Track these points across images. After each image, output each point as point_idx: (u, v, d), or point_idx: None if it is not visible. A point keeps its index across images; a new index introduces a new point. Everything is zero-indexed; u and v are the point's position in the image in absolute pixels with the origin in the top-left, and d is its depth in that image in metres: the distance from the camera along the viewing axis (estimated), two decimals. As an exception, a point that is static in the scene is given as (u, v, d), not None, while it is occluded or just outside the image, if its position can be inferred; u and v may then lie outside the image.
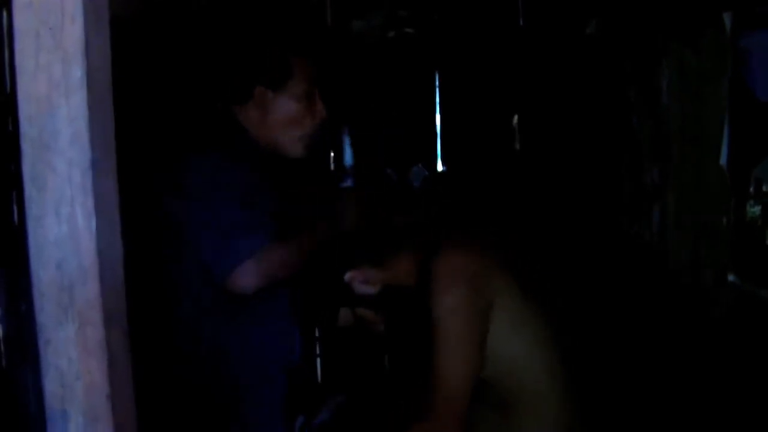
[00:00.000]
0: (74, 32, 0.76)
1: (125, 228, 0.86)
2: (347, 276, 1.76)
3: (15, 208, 2.62)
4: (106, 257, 0.80)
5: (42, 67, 0.77)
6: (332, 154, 2.07)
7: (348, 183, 2.00)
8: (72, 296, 0.79)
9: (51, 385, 0.81)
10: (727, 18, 1.87)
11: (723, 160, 1.90)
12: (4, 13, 0.80)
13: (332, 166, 2.04)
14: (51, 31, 0.76)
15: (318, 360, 3.15)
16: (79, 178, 0.78)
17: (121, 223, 0.85)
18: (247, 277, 1.67)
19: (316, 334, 3.12)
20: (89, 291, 0.79)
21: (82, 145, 0.77)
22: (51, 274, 0.79)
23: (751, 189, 1.80)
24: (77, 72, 0.76)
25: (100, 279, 0.79)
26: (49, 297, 0.79)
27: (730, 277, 1.90)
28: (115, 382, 0.82)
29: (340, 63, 2.92)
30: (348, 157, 2.01)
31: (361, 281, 1.79)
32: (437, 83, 3.02)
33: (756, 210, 1.78)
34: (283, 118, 1.88)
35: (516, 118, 2.99)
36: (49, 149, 0.77)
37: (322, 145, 2.01)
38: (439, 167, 3.02)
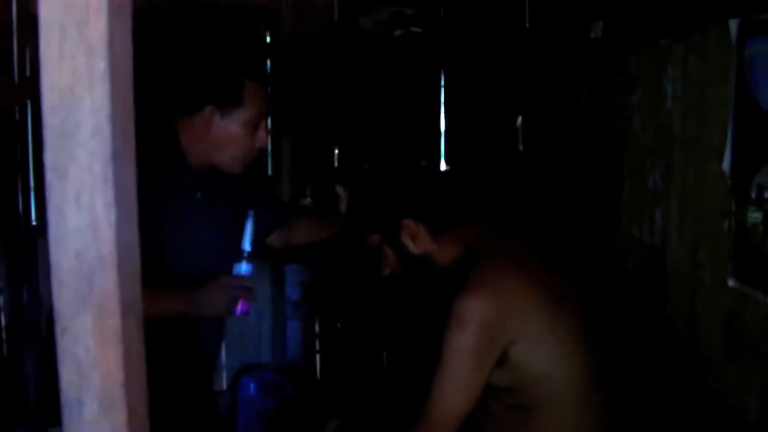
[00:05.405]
0: (98, 25, 0.77)
1: None
2: (404, 221, 1.80)
3: (20, 197, 2.61)
4: (124, 248, 0.81)
5: (66, 59, 0.77)
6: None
7: (242, 267, 2.02)
8: (91, 285, 0.80)
9: (67, 373, 0.82)
10: (733, 24, 1.87)
11: (726, 166, 1.91)
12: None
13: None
14: (76, 24, 0.77)
15: (317, 356, 3.16)
16: (100, 168, 0.78)
17: None
18: None
19: (316, 330, 3.13)
20: (108, 281, 0.80)
21: (104, 136, 0.78)
22: (70, 262, 0.80)
23: (753, 195, 1.82)
24: (101, 65, 0.77)
25: (118, 269, 0.80)
26: (68, 285, 0.80)
27: (730, 282, 1.91)
28: (130, 372, 0.83)
29: (346, 60, 2.93)
30: (247, 243, 2.02)
31: (411, 233, 1.81)
32: (442, 82, 3.03)
33: (757, 216, 1.79)
34: (224, 141, 1.94)
35: (520, 119, 3.01)
36: (71, 139, 0.78)
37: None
38: (443, 166, 3.04)
